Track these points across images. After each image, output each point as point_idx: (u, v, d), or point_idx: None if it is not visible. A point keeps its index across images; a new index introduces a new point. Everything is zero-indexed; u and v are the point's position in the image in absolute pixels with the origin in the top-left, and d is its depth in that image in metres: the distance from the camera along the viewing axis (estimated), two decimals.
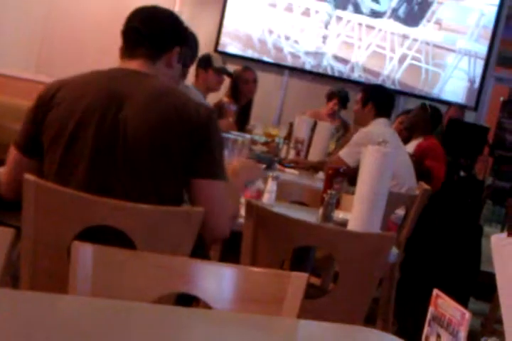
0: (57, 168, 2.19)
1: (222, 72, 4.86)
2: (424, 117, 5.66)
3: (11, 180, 2.29)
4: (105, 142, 2.17)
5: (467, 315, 1.09)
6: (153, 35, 2.32)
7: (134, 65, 2.30)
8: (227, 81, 5.47)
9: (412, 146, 5.41)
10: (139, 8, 2.39)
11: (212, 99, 5.17)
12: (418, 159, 5.26)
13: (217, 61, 4.86)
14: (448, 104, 7.40)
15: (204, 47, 5.38)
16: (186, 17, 7.48)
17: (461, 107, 7.06)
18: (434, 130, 5.74)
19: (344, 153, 4.42)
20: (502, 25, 7.88)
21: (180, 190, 2.27)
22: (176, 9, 7.40)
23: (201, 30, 7.50)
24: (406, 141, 5.46)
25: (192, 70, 4.01)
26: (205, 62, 4.82)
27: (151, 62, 2.31)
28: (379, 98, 4.55)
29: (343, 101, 6.59)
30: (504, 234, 1.24)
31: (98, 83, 2.26)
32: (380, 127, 4.43)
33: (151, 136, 2.17)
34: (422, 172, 4.87)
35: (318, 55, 7.76)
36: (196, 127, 2.20)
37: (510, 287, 1.17)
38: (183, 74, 2.44)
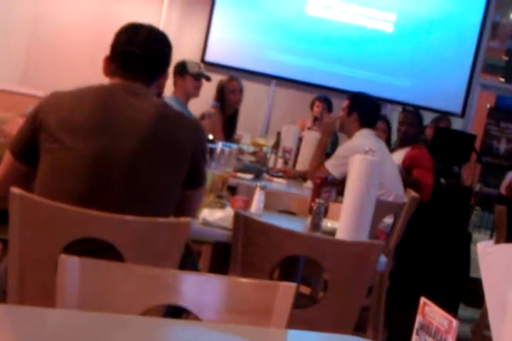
0: (51, 180, 2.19)
1: (199, 77, 4.87)
2: (419, 125, 5.60)
3: (2, 181, 2.30)
4: (105, 158, 2.18)
5: (454, 322, 1.08)
6: (153, 63, 2.36)
7: (131, 85, 2.32)
8: (211, 90, 5.49)
9: (399, 155, 5.37)
10: (133, 28, 2.37)
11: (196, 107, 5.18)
12: (407, 168, 5.24)
13: (193, 67, 4.87)
14: (434, 111, 7.43)
15: (191, 57, 5.40)
16: (173, 26, 7.51)
17: (447, 118, 7.06)
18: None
19: (330, 165, 4.37)
20: (487, 32, 7.93)
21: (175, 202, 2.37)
22: (163, 19, 7.41)
23: (188, 39, 7.54)
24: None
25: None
26: (182, 69, 4.84)
27: (147, 85, 2.35)
28: (364, 108, 4.47)
29: (327, 103, 6.68)
30: (490, 242, 1.24)
31: (97, 98, 2.26)
32: (364, 138, 4.37)
33: (156, 156, 2.24)
34: (411, 183, 4.84)
35: (305, 64, 7.77)
36: (196, 145, 2.32)
37: (497, 294, 1.17)
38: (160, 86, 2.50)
